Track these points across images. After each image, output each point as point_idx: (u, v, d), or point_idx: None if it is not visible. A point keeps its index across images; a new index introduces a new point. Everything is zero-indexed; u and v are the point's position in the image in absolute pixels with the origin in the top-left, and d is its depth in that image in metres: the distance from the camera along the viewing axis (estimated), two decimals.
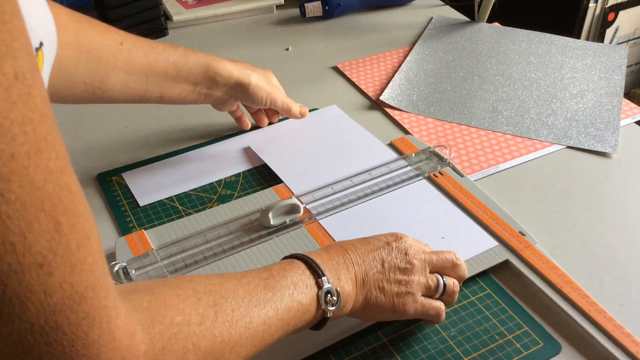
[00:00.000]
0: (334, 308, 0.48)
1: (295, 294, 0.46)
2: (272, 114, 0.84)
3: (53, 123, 0.26)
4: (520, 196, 0.72)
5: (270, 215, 0.65)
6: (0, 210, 0.23)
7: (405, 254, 0.53)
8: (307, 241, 0.65)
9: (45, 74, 0.41)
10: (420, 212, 0.68)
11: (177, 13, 1.14)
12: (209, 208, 0.71)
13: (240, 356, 0.42)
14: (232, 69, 0.73)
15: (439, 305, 0.54)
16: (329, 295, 0.48)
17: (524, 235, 0.64)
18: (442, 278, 0.55)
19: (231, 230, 0.66)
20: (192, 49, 0.73)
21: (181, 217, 0.70)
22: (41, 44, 0.39)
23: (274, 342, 0.45)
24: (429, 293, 0.54)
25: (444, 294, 0.54)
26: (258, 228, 0.66)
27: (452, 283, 0.55)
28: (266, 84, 0.76)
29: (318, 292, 0.48)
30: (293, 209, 0.67)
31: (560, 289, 0.58)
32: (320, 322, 0.49)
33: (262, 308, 0.44)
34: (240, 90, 0.74)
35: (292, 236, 0.66)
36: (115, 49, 0.65)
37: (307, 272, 0.48)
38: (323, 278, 0.48)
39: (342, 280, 0.50)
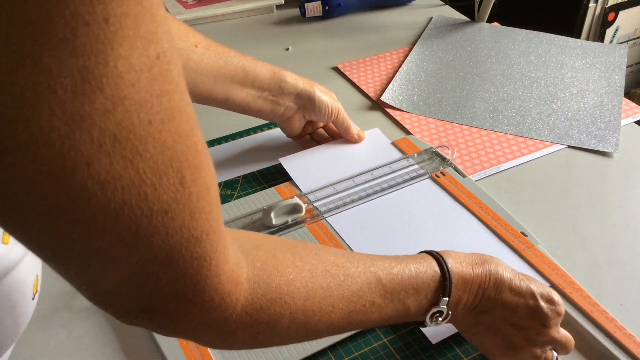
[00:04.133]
0: (432, 324, 0.48)
1: (410, 300, 0.46)
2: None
3: (185, 91, 0.29)
4: (521, 196, 0.72)
5: (272, 214, 0.65)
6: (138, 166, 0.27)
7: (545, 325, 0.49)
8: (309, 241, 0.65)
9: None
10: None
11: (177, 13, 1.14)
12: None
13: (330, 333, 0.43)
14: (296, 79, 0.74)
15: None
16: (438, 314, 0.47)
17: (526, 235, 0.64)
18: (556, 355, 0.52)
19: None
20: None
21: None
22: None
23: (365, 328, 0.47)
24: None
25: None
26: (260, 227, 0.66)
27: None
28: (329, 97, 0.76)
29: (431, 307, 0.47)
30: (295, 209, 0.67)
31: (562, 289, 0.58)
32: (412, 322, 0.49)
33: (372, 303, 0.44)
34: (306, 101, 0.74)
35: (293, 236, 0.66)
36: (190, 50, 0.67)
37: (435, 285, 0.47)
38: (445, 299, 0.47)
39: (460, 305, 0.48)
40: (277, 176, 0.76)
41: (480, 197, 0.69)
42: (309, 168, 0.76)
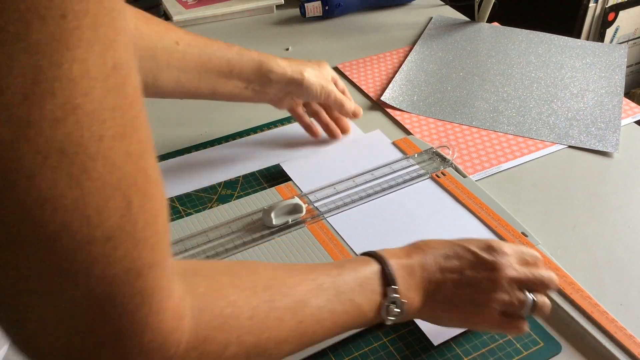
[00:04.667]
0: (392, 319, 0.47)
1: (359, 298, 0.45)
2: (336, 117, 0.82)
3: (141, 110, 0.27)
4: (521, 196, 0.72)
5: (272, 215, 0.65)
6: (84, 185, 0.24)
7: (493, 269, 0.48)
8: (309, 241, 0.65)
9: None
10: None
11: (177, 13, 1.14)
12: (209, 208, 0.71)
13: (283, 352, 0.42)
14: (285, 66, 0.72)
15: (519, 324, 0.50)
16: (392, 305, 0.46)
17: (526, 236, 0.64)
18: (531, 295, 0.49)
19: (233, 230, 0.66)
20: (245, 48, 0.73)
21: (181, 217, 0.70)
22: None
23: (321, 341, 0.45)
24: (512, 310, 0.49)
25: (533, 312, 0.49)
26: (260, 227, 0.66)
27: (543, 301, 0.50)
28: (320, 78, 0.75)
29: (382, 301, 0.46)
30: (295, 209, 0.67)
31: (563, 289, 0.58)
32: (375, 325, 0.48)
33: (320, 309, 0.43)
34: (294, 87, 0.74)
35: (294, 236, 0.66)
36: (171, 48, 0.66)
37: (378, 277, 0.46)
38: (392, 287, 0.46)
39: (412, 291, 0.48)
40: (277, 176, 0.76)
41: (481, 197, 0.69)
42: (310, 168, 0.76)
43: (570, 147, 0.80)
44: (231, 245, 0.64)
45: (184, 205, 0.72)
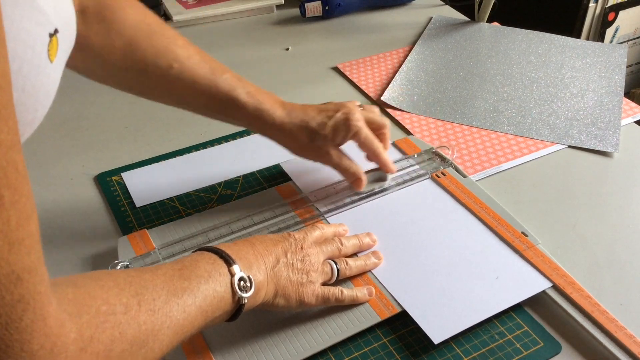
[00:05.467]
0: (248, 294, 0.49)
1: (210, 283, 0.47)
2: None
3: (9, 100, 0.26)
4: (521, 196, 0.72)
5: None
6: None
7: (302, 247, 0.57)
8: None
9: (61, 60, 0.41)
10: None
11: (177, 13, 1.14)
12: (209, 208, 0.71)
13: (163, 344, 0.43)
14: (282, 117, 0.66)
15: (336, 291, 0.57)
16: (242, 282, 0.49)
17: (526, 235, 0.64)
18: (335, 264, 0.58)
19: (233, 230, 0.66)
20: (256, 88, 0.67)
21: (181, 217, 0.70)
22: (56, 31, 0.39)
23: (195, 332, 0.47)
24: (329, 280, 0.58)
25: (338, 278, 0.58)
26: (261, 229, 0.66)
27: (345, 267, 0.59)
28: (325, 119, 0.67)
29: (231, 279, 0.49)
30: (381, 177, 0.71)
31: (563, 289, 0.58)
32: (236, 311, 0.50)
33: (180, 297, 0.45)
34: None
35: None
36: (163, 70, 0.63)
37: (219, 261, 0.50)
38: (235, 266, 0.50)
39: (254, 269, 0.52)
40: (277, 176, 0.76)
41: (481, 197, 0.69)
42: (310, 168, 0.76)
43: (570, 147, 0.80)
44: None
45: (184, 205, 0.72)
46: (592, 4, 1.72)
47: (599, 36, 1.78)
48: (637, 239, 0.66)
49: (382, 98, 0.90)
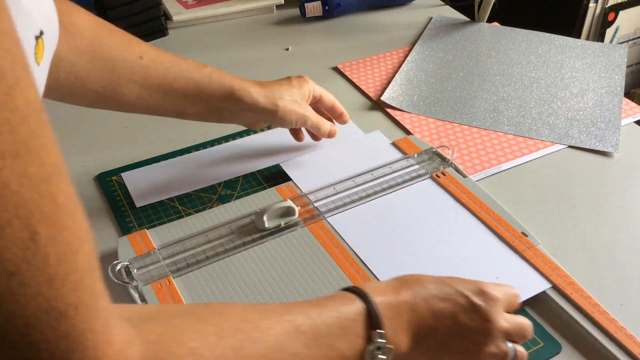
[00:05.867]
0: None
1: (340, 343, 0.41)
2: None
3: (41, 129, 0.25)
4: (521, 196, 0.72)
5: (264, 217, 0.65)
6: None
7: (487, 320, 0.46)
8: (309, 241, 0.65)
9: (45, 63, 0.40)
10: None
11: (177, 13, 1.14)
12: (209, 208, 0.71)
13: None
14: (257, 96, 0.68)
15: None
16: (378, 351, 0.42)
17: (526, 235, 0.64)
18: (513, 346, 0.48)
19: (233, 230, 0.66)
20: (218, 69, 0.69)
21: (181, 217, 0.70)
22: (41, 33, 0.38)
23: None
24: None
25: None
26: (261, 228, 0.66)
27: (522, 353, 0.48)
28: (296, 105, 0.71)
29: (367, 346, 0.42)
30: (288, 212, 0.67)
31: (563, 289, 0.58)
32: None
33: (296, 356, 0.39)
34: (269, 116, 0.70)
35: (294, 236, 0.65)
36: (133, 62, 0.63)
37: (362, 320, 0.42)
38: (378, 332, 0.42)
39: (399, 334, 0.44)
40: (277, 176, 0.76)
41: (481, 197, 0.69)
42: (310, 169, 0.76)
43: (570, 147, 0.80)
44: (231, 245, 0.64)
45: (184, 205, 0.72)
46: (592, 4, 1.72)
47: (599, 36, 1.78)
48: (637, 239, 0.66)
49: (382, 98, 0.90)
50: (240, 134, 0.84)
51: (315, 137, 0.80)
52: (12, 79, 0.23)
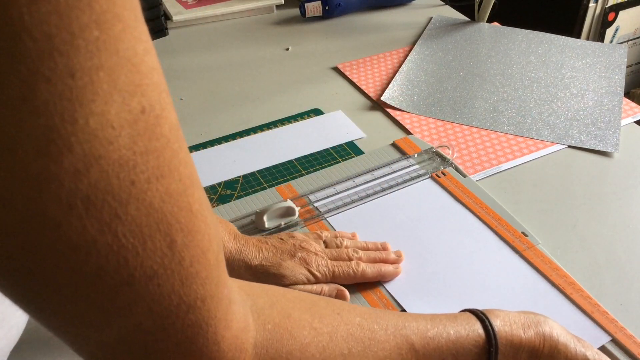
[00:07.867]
0: None
1: None
2: None
3: (180, 147, 0.26)
4: (521, 196, 0.72)
5: (265, 218, 0.65)
6: (116, 229, 0.24)
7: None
8: None
9: None
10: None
11: (177, 13, 1.14)
12: None
13: None
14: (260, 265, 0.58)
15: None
16: None
17: (526, 235, 0.64)
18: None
19: None
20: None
21: None
22: None
23: None
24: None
25: None
26: (261, 229, 0.66)
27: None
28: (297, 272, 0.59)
29: None
30: (288, 212, 0.67)
31: (563, 289, 0.58)
32: None
33: None
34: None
35: None
36: None
37: (478, 351, 0.42)
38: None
39: None
40: (277, 176, 0.76)
41: (481, 197, 0.69)
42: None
43: (570, 147, 0.80)
44: None
45: None
46: (592, 4, 1.72)
47: (599, 36, 1.78)
48: (637, 239, 0.66)
49: (382, 98, 0.90)
50: (240, 134, 0.84)
51: None
52: (158, 109, 0.25)
